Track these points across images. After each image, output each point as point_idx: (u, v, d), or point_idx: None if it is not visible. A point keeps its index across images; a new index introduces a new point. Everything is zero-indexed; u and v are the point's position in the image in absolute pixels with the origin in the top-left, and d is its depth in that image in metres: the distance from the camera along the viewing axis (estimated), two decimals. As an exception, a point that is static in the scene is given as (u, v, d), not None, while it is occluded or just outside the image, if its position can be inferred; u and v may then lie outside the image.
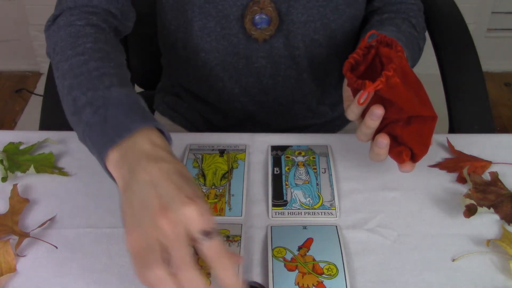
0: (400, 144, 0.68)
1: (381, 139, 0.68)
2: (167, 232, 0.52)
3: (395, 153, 0.69)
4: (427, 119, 0.67)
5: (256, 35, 0.86)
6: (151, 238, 0.53)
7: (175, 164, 0.57)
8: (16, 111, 2.26)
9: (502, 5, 2.31)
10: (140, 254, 0.53)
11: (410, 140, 0.67)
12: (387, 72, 0.63)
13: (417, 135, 0.67)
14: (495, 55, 2.32)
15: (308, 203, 0.74)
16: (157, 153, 0.58)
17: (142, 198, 0.55)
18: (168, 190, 0.54)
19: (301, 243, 0.68)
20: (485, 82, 0.99)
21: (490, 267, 0.66)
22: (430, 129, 0.68)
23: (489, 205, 0.72)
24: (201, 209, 0.53)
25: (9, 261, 0.65)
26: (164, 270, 0.52)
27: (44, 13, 2.31)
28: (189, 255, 0.52)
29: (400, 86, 0.63)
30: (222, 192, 0.75)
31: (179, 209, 0.53)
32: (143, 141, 0.59)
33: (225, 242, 0.67)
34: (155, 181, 0.55)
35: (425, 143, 0.68)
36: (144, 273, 0.53)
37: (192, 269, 0.52)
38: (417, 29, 0.90)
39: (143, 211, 0.54)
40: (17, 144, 0.83)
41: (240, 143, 0.84)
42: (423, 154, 0.69)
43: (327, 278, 0.63)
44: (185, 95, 1.02)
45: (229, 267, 0.53)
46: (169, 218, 0.52)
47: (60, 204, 0.74)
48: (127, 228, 0.55)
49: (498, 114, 2.20)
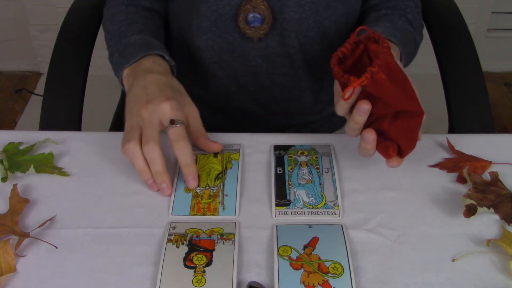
0: (387, 139, 0.69)
1: (367, 134, 0.69)
2: (144, 118, 0.74)
3: (382, 148, 0.70)
4: (414, 114, 0.67)
5: (250, 34, 0.86)
6: (135, 122, 0.74)
7: (166, 77, 0.79)
8: (16, 111, 2.26)
9: (502, 5, 2.31)
10: (127, 133, 0.74)
11: (397, 135, 0.68)
12: (372, 68, 0.63)
13: (404, 130, 0.67)
14: (495, 55, 2.32)
15: (311, 202, 0.74)
16: (154, 69, 0.80)
17: (136, 96, 0.76)
18: (153, 91, 0.75)
19: (306, 242, 0.68)
20: (485, 82, 0.99)
21: (490, 267, 0.66)
22: (417, 124, 0.68)
23: (489, 205, 0.72)
24: (174, 106, 0.74)
25: (9, 261, 0.65)
26: (136, 144, 0.72)
27: (44, 13, 2.30)
28: (155, 136, 0.72)
29: (385, 81, 0.64)
30: (216, 192, 0.76)
31: (157, 104, 0.74)
32: (146, 61, 0.81)
33: (219, 240, 0.68)
34: (147, 85, 0.76)
35: (412, 138, 0.69)
36: (124, 145, 0.73)
37: (155, 144, 0.72)
38: (413, 25, 0.90)
39: (135, 104, 0.76)
40: (17, 144, 0.83)
41: (235, 143, 0.84)
42: (410, 149, 0.69)
43: (333, 277, 0.63)
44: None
45: (186, 148, 0.73)
46: (148, 109, 0.74)
47: (60, 204, 0.74)
48: (125, 116, 0.77)
49: (498, 114, 2.20)
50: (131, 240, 0.69)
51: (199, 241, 0.68)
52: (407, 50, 0.85)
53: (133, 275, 0.65)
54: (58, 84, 1.01)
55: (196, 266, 0.64)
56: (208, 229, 0.69)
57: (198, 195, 0.75)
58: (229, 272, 0.64)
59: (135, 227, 0.71)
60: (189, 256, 0.66)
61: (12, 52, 2.43)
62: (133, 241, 0.69)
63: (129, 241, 0.69)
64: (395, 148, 0.69)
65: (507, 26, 2.38)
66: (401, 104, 0.66)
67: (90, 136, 0.86)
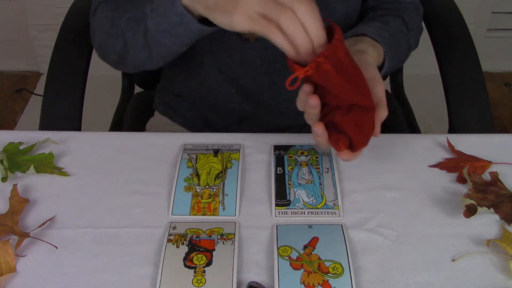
0: (340, 132, 0.67)
1: (315, 128, 0.67)
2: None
3: (333, 140, 0.68)
4: (367, 109, 0.66)
5: (247, 35, 0.86)
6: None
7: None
8: (16, 111, 2.26)
9: (502, 5, 2.31)
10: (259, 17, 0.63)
11: (348, 129, 0.66)
12: (317, 59, 0.62)
13: (356, 124, 0.66)
14: (495, 55, 2.32)
15: (311, 202, 0.74)
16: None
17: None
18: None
19: (306, 242, 0.68)
20: (485, 82, 0.99)
21: (490, 267, 0.66)
22: (370, 120, 0.67)
23: (489, 205, 0.72)
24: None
25: (9, 261, 0.65)
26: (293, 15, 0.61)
27: (44, 13, 2.30)
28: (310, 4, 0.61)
29: (332, 73, 0.63)
30: (216, 192, 0.76)
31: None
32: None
33: (219, 240, 0.68)
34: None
35: (365, 133, 0.67)
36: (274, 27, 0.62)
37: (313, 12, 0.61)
38: (408, 27, 0.90)
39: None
40: (17, 144, 0.83)
41: (235, 143, 0.84)
42: (362, 144, 0.68)
43: (333, 277, 0.63)
44: (185, 95, 1.02)
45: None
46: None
47: (60, 204, 0.74)
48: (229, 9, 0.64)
49: (498, 114, 2.20)
50: (131, 240, 0.69)
51: (199, 241, 0.68)
52: (395, 50, 0.85)
53: (133, 275, 0.65)
54: (58, 84, 1.01)
55: (196, 266, 0.64)
56: (208, 229, 0.69)
57: (198, 195, 0.75)
58: (229, 272, 0.64)
59: (135, 227, 0.71)
60: (189, 256, 0.66)
61: (12, 52, 2.43)
62: (133, 241, 0.69)
63: (129, 241, 0.69)
64: (345, 142, 0.67)
65: (507, 26, 2.38)
66: (349, 97, 0.65)
67: (90, 136, 0.86)
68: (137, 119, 1.18)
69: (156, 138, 0.86)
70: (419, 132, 1.17)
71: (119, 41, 0.82)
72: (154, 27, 0.75)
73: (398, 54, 0.88)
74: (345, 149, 0.67)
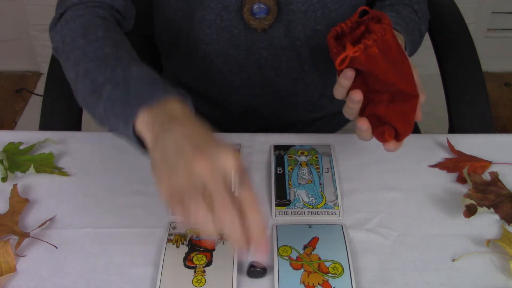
0: (383, 123, 0.68)
1: (360, 124, 0.69)
2: (206, 176, 0.53)
3: (378, 133, 0.69)
4: (409, 97, 0.67)
5: (255, 25, 0.86)
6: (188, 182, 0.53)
7: (205, 129, 0.59)
8: (16, 111, 2.25)
9: (502, 5, 2.31)
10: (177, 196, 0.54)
11: (393, 119, 0.67)
12: (366, 41, 0.63)
13: (400, 113, 0.67)
14: (495, 55, 2.32)
15: (311, 202, 0.74)
16: (188, 117, 0.60)
17: (176, 146, 0.56)
18: (201, 139, 0.56)
19: (306, 242, 0.68)
20: (485, 82, 0.99)
21: (490, 267, 0.66)
22: (413, 107, 0.68)
23: (489, 205, 0.72)
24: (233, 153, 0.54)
25: (9, 261, 0.65)
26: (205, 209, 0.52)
27: (44, 13, 2.31)
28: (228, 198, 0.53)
29: (379, 57, 0.63)
30: None
31: (216, 152, 0.54)
32: (173, 106, 0.61)
33: (219, 240, 0.67)
34: (189, 135, 0.57)
35: (408, 121, 0.68)
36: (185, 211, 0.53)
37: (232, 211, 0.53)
38: (418, 15, 0.91)
39: (177, 157, 0.55)
40: (17, 144, 0.83)
41: (235, 143, 0.84)
42: (407, 133, 0.69)
43: (333, 277, 0.63)
44: (187, 88, 1.02)
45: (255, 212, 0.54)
46: (206, 162, 0.53)
47: (60, 204, 0.74)
48: (160, 176, 0.56)
49: (498, 114, 2.20)
50: (131, 240, 0.69)
51: (199, 241, 0.68)
52: (412, 38, 0.85)
53: (133, 275, 0.65)
54: (58, 84, 1.00)
55: (196, 266, 0.64)
56: (208, 229, 0.69)
57: None
58: (229, 272, 0.64)
59: (135, 227, 0.71)
60: (189, 256, 0.66)
61: (12, 52, 2.43)
62: (133, 241, 0.69)
63: (129, 241, 0.69)
64: (391, 133, 0.68)
65: (507, 26, 2.37)
66: (394, 83, 0.65)
67: (90, 136, 0.86)
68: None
69: (156, 138, 0.86)
70: (419, 132, 1.17)
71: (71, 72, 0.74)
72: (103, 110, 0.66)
73: (415, 42, 0.88)
74: (391, 140, 0.68)
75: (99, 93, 0.66)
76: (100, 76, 0.67)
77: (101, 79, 0.67)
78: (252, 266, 0.63)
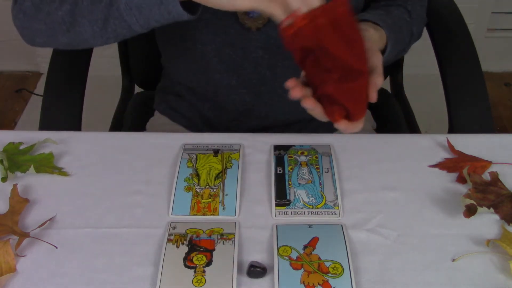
0: (335, 104, 0.67)
1: (304, 104, 0.67)
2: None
3: (329, 112, 0.67)
4: (358, 74, 0.65)
5: (249, 24, 0.86)
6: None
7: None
8: (16, 111, 2.25)
9: (502, 5, 2.31)
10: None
11: (342, 98, 0.66)
12: (314, 12, 0.61)
13: (349, 92, 0.65)
14: (495, 55, 2.32)
15: (311, 202, 0.74)
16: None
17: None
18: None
19: (306, 242, 0.68)
20: (485, 82, 0.99)
21: (490, 267, 0.66)
22: (362, 85, 0.66)
23: (489, 205, 0.72)
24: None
25: (9, 261, 0.65)
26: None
27: (44, 13, 2.25)
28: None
29: (327, 28, 0.62)
30: (216, 192, 0.76)
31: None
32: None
33: (219, 240, 0.68)
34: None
35: (360, 101, 0.67)
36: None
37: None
38: (411, 16, 0.91)
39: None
40: (17, 144, 0.83)
41: (235, 143, 0.84)
42: (360, 113, 0.67)
43: (333, 277, 0.63)
44: (185, 94, 1.02)
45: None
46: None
47: (60, 204, 0.74)
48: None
49: (498, 114, 2.20)
50: (131, 240, 0.69)
51: (199, 241, 0.68)
52: (396, 36, 0.85)
53: (133, 275, 0.65)
54: (58, 84, 1.01)
55: (196, 266, 0.64)
56: (208, 229, 0.69)
57: (198, 195, 0.75)
58: (229, 272, 0.64)
59: (135, 227, 0.71)
60: (189, 256, 0.66)
61: (12, 52, 2.43)
62: (133, 241, 0.69)
63: (129, 241, 0.69)
64: (341, 112, 0.67)
65: (507, 26, 2.37)
66: (343, 59, 0.64)
67: (90, 136, 0.86)
68: (137, 119, 1.18)
69: (156, 138, 0.86)
70: (419, 132, 1.17)
71: (63, 7, 0.75)
72: (125, 1, 0.70)
73: (400, 41, 0.88)
74: (341, 119, 0.67)
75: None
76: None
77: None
78: (252, 266, 0.63)
